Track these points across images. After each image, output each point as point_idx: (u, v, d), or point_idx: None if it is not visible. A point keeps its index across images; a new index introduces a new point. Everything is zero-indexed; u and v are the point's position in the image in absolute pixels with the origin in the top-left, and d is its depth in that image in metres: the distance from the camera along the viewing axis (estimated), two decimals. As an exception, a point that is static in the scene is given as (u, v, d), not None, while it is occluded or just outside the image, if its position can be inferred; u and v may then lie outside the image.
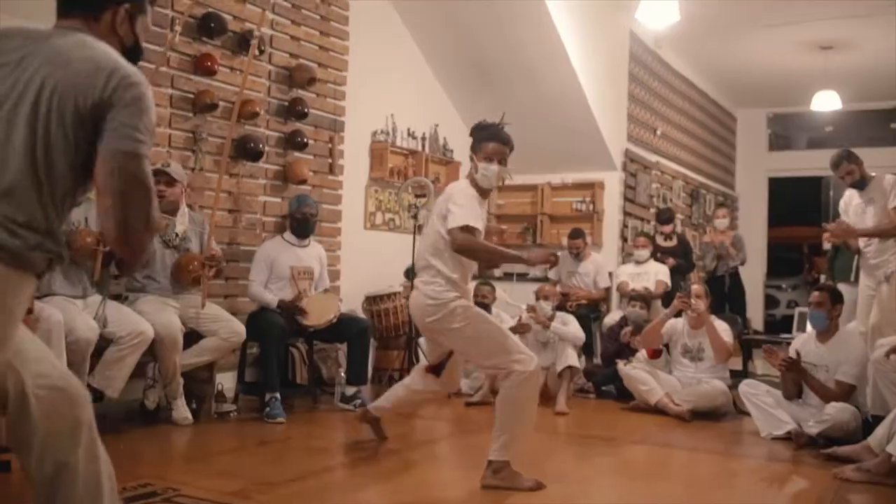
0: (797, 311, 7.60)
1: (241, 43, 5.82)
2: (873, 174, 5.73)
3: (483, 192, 3.84)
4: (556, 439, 5.13)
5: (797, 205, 13.71)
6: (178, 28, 5.06)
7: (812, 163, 12.71)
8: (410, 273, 6.50)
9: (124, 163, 1.79)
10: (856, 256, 6.03)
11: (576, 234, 7.55)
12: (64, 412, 1.95)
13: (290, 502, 3.28)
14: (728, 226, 9.03)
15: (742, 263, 8.88)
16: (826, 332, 5.08)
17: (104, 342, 4.29)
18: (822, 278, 7.38)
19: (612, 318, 7.26)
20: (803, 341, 5.28)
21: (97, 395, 4.35)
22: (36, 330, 3.68)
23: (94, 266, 4.32)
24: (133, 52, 1.99)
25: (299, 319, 5.40)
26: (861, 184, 5.69)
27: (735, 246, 8.74)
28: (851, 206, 5.82)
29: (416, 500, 3.47)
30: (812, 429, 4.76)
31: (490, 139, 3.80)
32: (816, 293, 5.18)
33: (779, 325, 11.86)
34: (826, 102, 10.09)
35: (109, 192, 1.79)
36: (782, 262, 13.93)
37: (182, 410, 4.76)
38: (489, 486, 3.58)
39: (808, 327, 5.63)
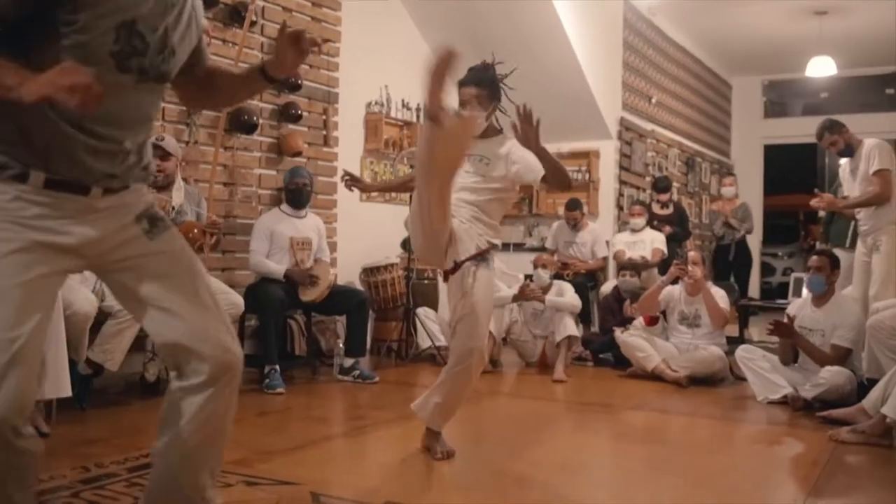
0: (793, 276, 7.63)
1: (233, 15, 5.78)
2: (862, 139, 5.68)
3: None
4: (554, 407, 5.17)
5: (793, 172, 13.70)
6: None
7: (807, 129, 12.48)
8: (407, 244, 6.51)
9: None
10: (851, 222, 6.04)
11: (573, 206, 7.52)
12: None
13: (291, 470, 3.31)
14: (735, 194, 9.01)
15: (748, 232, 8.89)
16: (823, 296, 5.10)
17: (102, 316, 4.29)
18: (818, 245, 7.39)
19: (607, 287, 7.28)
20: (799, 306, 5.31)
21: (97, 370, 4.38)
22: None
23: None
24: None
25: (306, 287, 5.44)
26: (848, 151, 5.66)
27: (740, 215, 8.74)
28: (845, 174, 5.82)
29: (416, 468, 3.50)
30: (808, 392, 4.79)
31: (458, 85, 3.64)
32: (816, 257, 5.19)
33: (775, 293, 11.93)
34: (821, 68, 10.07)
35: None
36: (778, 229, 13.96)
37: (182, 383, 4.77)
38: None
39: (804, 292, 5.66)
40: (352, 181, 4.09)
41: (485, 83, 3.61)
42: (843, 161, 5.89)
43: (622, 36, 8.96)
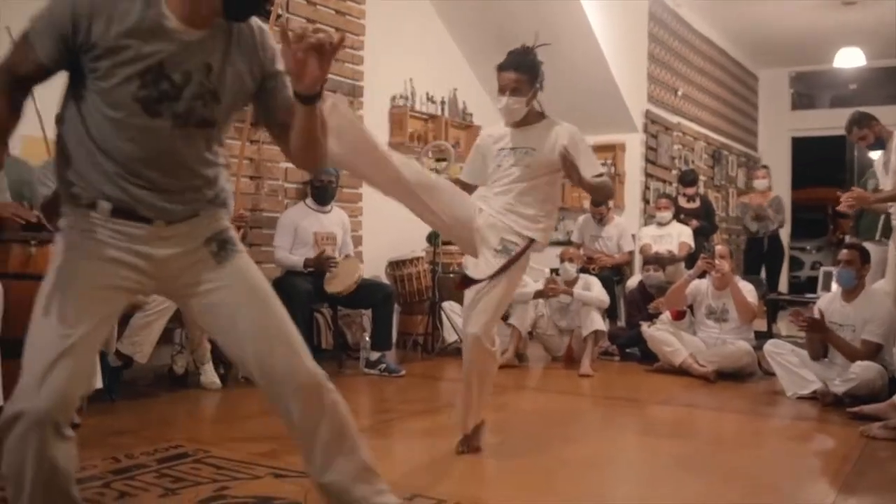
0: (822, 270, 7.54)
1: (259, 8, 5.78)
2: (893, 131, 5.59)
3: (513, 125, 3.59)
4: (581, 401, 5.15)
5: (821, 165, 13.55)
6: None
7: (836, 122, 12.39)
8: (433, 238, 6.51)
9: None
10: (882, 215, 5.96)
11: (599, 200, 7.47)
12: None
13: (320, 463, 3.31)
14: (768, 187, 8.91)
15: (780, 226, 8.79)
16: (853, 291, 5.04)
17: (131, 308, 4.33)
18: (847, 239, 7.30)
19: (633, 281, 7.25)
20: (828, 301, 5.24)
21: (126, 362, 4.42)
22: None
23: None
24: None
25: (327, 281, 5.45)
26: (878, 145, 5.58)
27: (771, 208, 8.65)
28: (878, 168, 5.74)
29: (442, 461, 3.49)
30: (838, 387, 4.74)
31: (497, 70, 3.56)
32: (846, 251, 5.12)
33: (803, 287, 11.79)
34: (849, 59, 9.96)
35: None
36: (806, 223, 13.82)
37: (210, 375, 4.82)
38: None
39: (833, 287, 5.59)
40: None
41: (524, 67, 3.51)
42: (877, 154, 5.81)
43: (647, 28, 8.90)
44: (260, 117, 2.07)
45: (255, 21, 1.96)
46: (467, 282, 3.45)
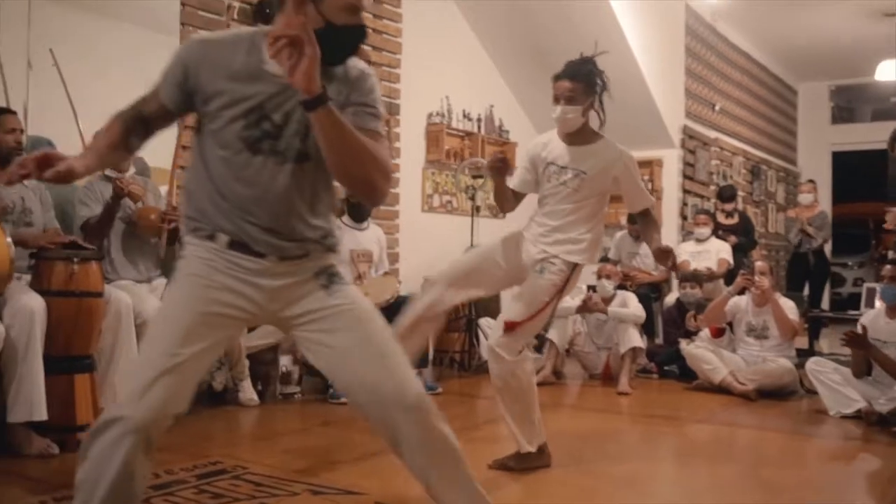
0: (865, 286, 7.41)
1: (297, 28, 5.85)
2: None
3: (566, 139, 3.55)
4: (619, 419, 5.10)
5: (862, 179, 13.35)
6: (233, 8, 5.10)
7: (877, 135, 12.28)
8: (470, 254, 6.50)
9: None
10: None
11: (634, 218, 7.41)
12: None
13: (356, 480, 3.32)
14: (814, 201, 8.78)
15: (825, 242, 8.65)
16: (897, 307, 4.95)
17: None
18: (891, 254, 7.17)
19: (670, 298, 7.18)
20: (872, 317, 5.14)
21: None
22: (106, 312, 3.79)
23: (161, 242, 4.42)
24: (327, 35, 1.87)
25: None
26: None
27: (817, 223, 8.52)
28: None
29: (480, 480, 3.47)
30: (883, 406, 4.65)
31: (553, 80, 3.49)
32: (890, 266, 5.03)
33: (845, 303, 11.60)
34: (891, 72, 9.82)
35: None
36: (848, 238, 13.58)
37: (248, 392, 4.85)
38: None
39: (877, 303, 5.50)
40: (502, 162, 3.53)
41: (580, 76, 3.45)
42: None
43: (684, 42, 8.85)
44: None
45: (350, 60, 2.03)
46: (512, 325, 3.43)
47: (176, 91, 1.99)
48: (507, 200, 3.69)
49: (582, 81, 3.44)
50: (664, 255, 3.49)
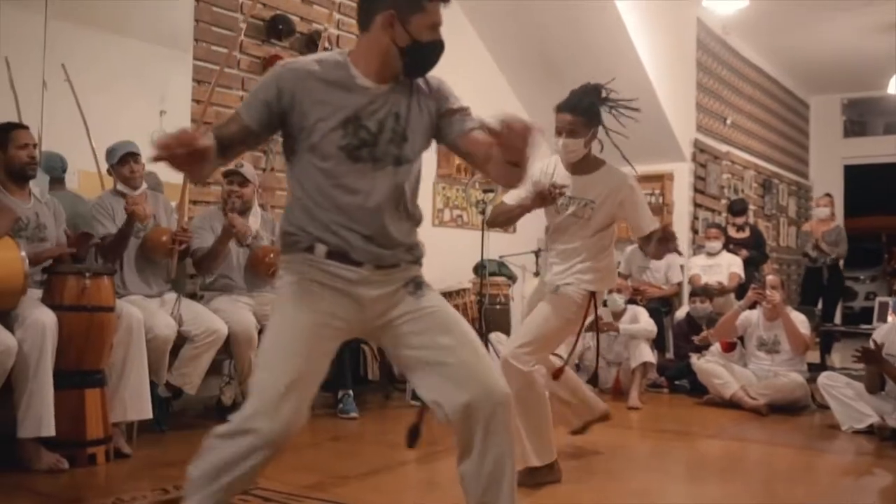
0: (877, 301, 7.37)
1: (309, 44, 5.90)
2: None
3: (570, 168, 3.58)
4: (629, 434, 5.08)
5: (875, 193, 13.29)
6: (242, 26, 5.13)
7: (890, 149, 12.32)
8: (480, 269, 6.50)
9: None
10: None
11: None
12: None
13: (367, 496, 3.31)
14: (829, 215, 8.72)
15: (840, 257, 8.58)
16: (910, 322, 4.93)
17: (180, 340, 4.38)
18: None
19: (680, 313, 7.16)
20: (886, 332, 5.11)
21: (176, 392, 4.47)
22: (117, 327, 3.80)
23: (171, 263, 4.44)
24: (413, 51, 2.18)
25: None
26: None
27: (833, 238, 8.45)
28: None
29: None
30: (896, 422, 4.62)
31: (555, 111, 3.52)
32: (901, 281, 5.02)
33: (857, 318, 11.53)
34: (904, 86, 9.78)
35: None
36: (860, 252, 13.51)
37: (257, 407, 4.83)
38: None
39: (890, 318, 5.47)
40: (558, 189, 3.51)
41: (580, 110, 3.46)
42: None
43: (695, 56, 8.86)
44: (446, 146, 2.31)
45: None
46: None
47: (264, 111, 2.10)
48: (509, 217, 3.67)
49: (583, 115, 3.46)
50: (669, 236, 3.44)
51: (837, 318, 10.49)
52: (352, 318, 2.14)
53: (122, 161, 4.39)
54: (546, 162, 3.69)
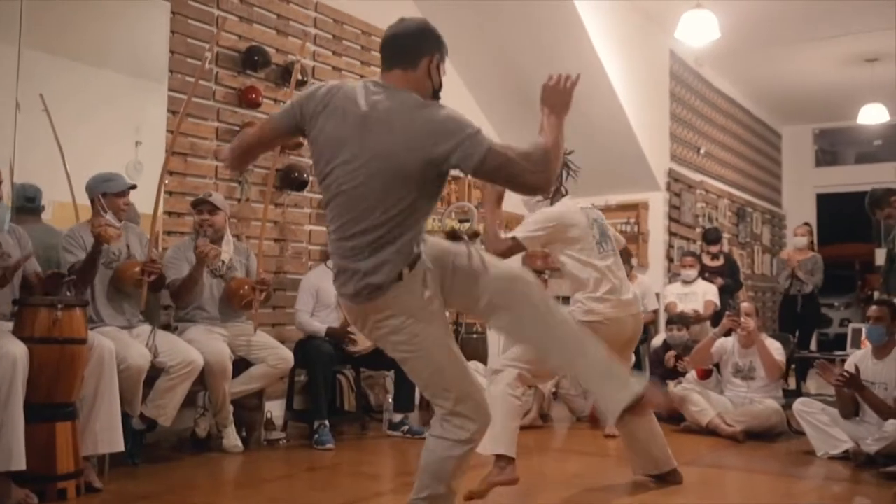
0: (850, 327, 7.43)
1: (284, 75, 5.92)
2: None
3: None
4: (606, 462, 5.07)
5: (847, 221, 13.43)
6: (207, 55, 5.15)
7: (861, 178, 12.46)
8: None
9: None
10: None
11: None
12: None
13: (341, 527, 3.28)
14: (807, 245, 8.78)
15: (817, 287, 8.62)
16: (883, 347, 4.96)
17: (155, 372, 4.34)
18: (876, 295, 7.20)
19: (657, 340, 7.18)
20: (859, 358, 5.15)
21: (150, 425, 4.42)
22: (89, 358, 3.76)
23: (142, 295, 4.41)
24: (436, 93, 2.58)
25: (348, 347, 5.41)
26: None
27: (809, 268, 8.50)
28: None
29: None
30: (871, 447, 4.64)
31: None
32: (875, 307, 5.06)
33: (832, 344, 11.60)
34: (873, 115, 9.95)
35: None
36: (834, 279, 13.61)
37: (232, 438, 4.80)
38: None
39: (864, 344, 5.51)
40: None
41: None
42: None
43: (669, 87, 8.97)
44: None
45: None
46: None
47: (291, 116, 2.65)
48: None
49: None
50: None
51: (813, 345, 10.56)
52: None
53: (122, 193, 4.41)
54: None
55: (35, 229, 4.36)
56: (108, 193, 4.38)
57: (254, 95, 5.69)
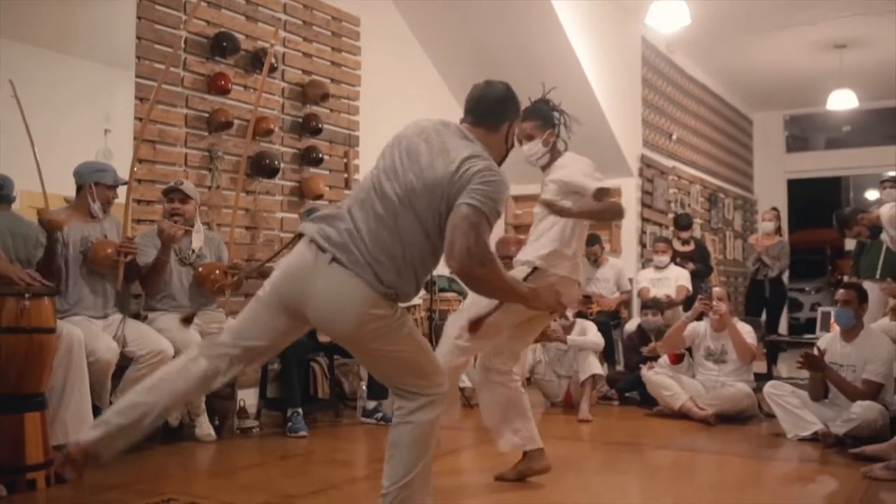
0: (820, 311, 7.52)
1: (254, 61, 5.87)
2: (877, 210, 5.84)
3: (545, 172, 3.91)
4: (580, 447, 5.10)
5: (818, 206, 13.59)
6: (182, 34, 5.10)
7: (831, 163, 12.65)
8: (430, 285, 6.49)
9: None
10: (882, 253, 5.99)
11: (591, 241, 7.44)
12: None
13: (314, 514, 3.28)
14: (774, 229, 8.87)
15: (782, 272, 8.73)
16: (851, 330, 5.02)
17: (125, 361, 4.30)
18: (846, 279, 7.29)
19: (631, 325, 7.22)
20: (828, 341, 5.21)
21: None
22: (58, 347, 3.72)
23: (117, 276, 4.37)
24: (506, 155, 2.86)
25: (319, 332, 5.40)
26: (876, 231, 5.87)
27: (775, 253, 8.59)
28: (888, 242, 5.91)
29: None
30: (839, 428, 4.70)
31: None
32: (843, 291, 5.12)
33: (802, 328, 11.76)
34: (842, 101, 10.05)
35: None
36: (804, 264, 13.79)
37: (205, 427, 4.77)
38: None
39: (833, 327, 5.57)
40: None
41: (531, 115, 3.74)
42: (888, 205, 5.90)
43: (641, 74, 9.00)
44: None
45: None
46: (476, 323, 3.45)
47: None
48: None
49: (536, 118, 3.74)
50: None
51: (784, 329, 10.68)
52: None
53: (114, 186, 4.43)
54: None
55: (5, 217, 4.32)
56: (100, 183, 4.36)
57: (223, 82, 5.63)
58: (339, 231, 2.54)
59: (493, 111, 2.81)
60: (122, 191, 4.55)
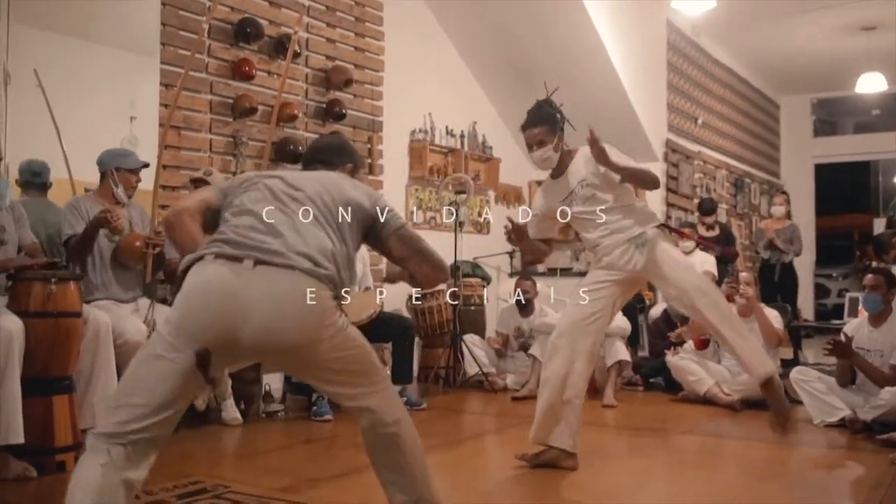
0: (848, 296, 7.44)
1: (278, 47, 5.88)
2: None
3: (554, 174, 3.98)
4: (605, 432, 5.09)
5: (845, 191, 13.42)
6: (205, 27, 5.11)
7: (860, 147, 12.46)
8: (454, 270, 6.49)
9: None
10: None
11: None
12: None
13: (338, 497, 3.29)
14: (784, 214, 8.79)
15: (797, 255, 8.65)
16: (879, 316, 4.96)
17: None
18: (874, 264, 7.21)
19: (656, 310, 7.18)
20: (856, 326, 5.16)
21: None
22: (84, 332, 3.76)
23: (147, 268, 4.40)
24: None
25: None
26: None
27: (787, 237, 8.51)
28: None
29: (464, 494, 3.46)
30: (867, 414, 4.65)
31: (521, 130, 3.95)
32: (871, 276, 5.06)
33: (830, 314, 11.62)
34: (871, 84, 9.90)
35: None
36: (832, 250, 13.64)
37: (231, 411, 4.81)
38: None
39: (861, 313, 5.52)
40: (516, 233, 3.89)
41: (540, 120, 3.85)
42: None
43: (666, 57, 8.91)
44: None
45: None
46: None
47: None
48: (539, 252, 4.16)
49: (545, 123, 3.85)
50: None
51: (810, 315, 10.58)
52: None
53: (136, 170, 4.45)
54: (542, 186, 4.11)
55: (34, 203, 4.37)
56: (121, 168, 4.39)
57: (247, 68, 5.64)
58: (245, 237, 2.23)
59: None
60: (148, 178, 4.58)
